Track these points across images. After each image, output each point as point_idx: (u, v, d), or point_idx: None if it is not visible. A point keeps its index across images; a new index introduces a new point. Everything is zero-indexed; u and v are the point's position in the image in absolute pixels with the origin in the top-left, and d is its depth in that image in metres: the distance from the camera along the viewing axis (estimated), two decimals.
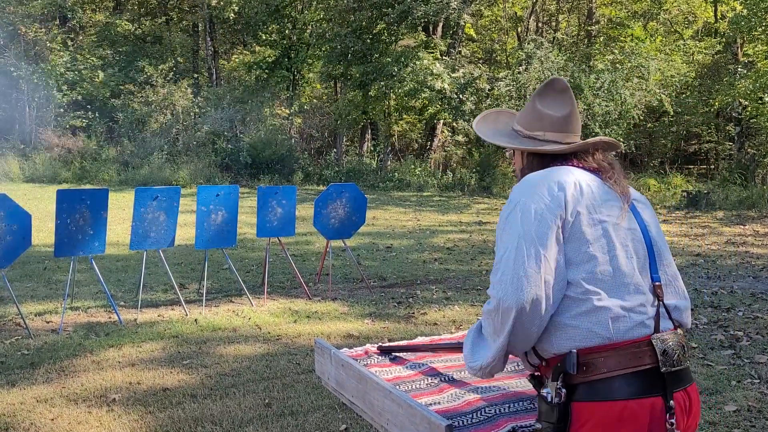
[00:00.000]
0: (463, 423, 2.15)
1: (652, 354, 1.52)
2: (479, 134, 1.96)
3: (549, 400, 1.55)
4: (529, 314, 1.53)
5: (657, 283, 1.62)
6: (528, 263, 1.53)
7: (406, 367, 2.70)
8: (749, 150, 20.24)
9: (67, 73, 21.49)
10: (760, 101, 17.54)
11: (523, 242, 1.55)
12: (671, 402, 1.49)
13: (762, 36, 17.63)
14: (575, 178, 1.68)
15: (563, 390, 1.53)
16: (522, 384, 2.18)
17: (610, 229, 1.61)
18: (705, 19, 24.24)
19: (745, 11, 17.55)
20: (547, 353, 1.62)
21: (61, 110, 21.35)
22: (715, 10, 23.04)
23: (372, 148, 23.08)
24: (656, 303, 1.59)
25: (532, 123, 1.85)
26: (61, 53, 22.03)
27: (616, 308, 1.54)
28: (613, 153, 1.92)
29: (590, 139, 1.84)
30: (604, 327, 1.52)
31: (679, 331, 1.61)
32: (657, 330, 1.56)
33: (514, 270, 1.54)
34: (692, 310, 5.67)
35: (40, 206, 12.13)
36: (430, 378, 2.57)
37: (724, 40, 21.42)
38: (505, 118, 1.98)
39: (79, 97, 21.52)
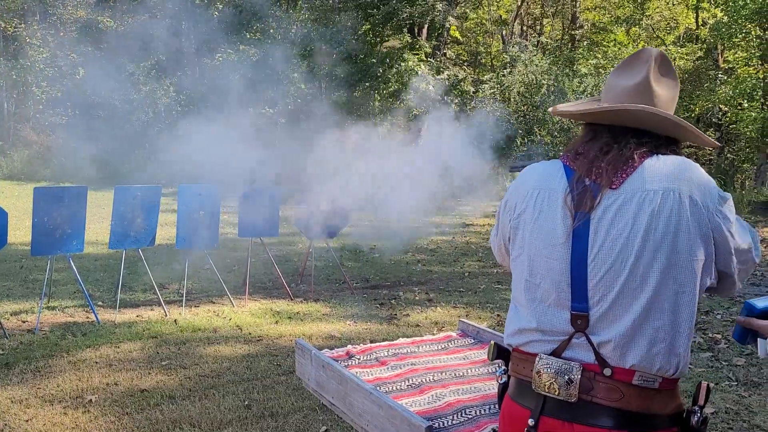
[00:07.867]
0: (443, 424, 2.14)
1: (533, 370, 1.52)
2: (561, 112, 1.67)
3: (499, 376, 1.70)
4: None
5: (580, 314, 1.45)
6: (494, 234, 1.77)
7: (388, 368, 2.68)
8: (729, 155, 20.50)
9: (47, 69, 21.21)
10: (739, 107, 17.77)
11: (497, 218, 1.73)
12: (531, 421, 1.49)
13: (742, 43, 17.85)
14: (539, 186, 1.54)
15: (502, 373, 1.67)
16: None
17: (534, 250, 1.53)
18: (686, 25, 24.53)
19: (725, 18, 17.77)
20: None
21: (41, 107, 21.07)
22: (697, 17, 23.33)
23: None
24: (571, 333, 1.46)
25: (603, 96, 1.57)
26: (41, 49, 21.75)
27: (526, 322, 1.55)
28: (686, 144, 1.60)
29: (619, 105, 1.48)
30: (513, 333, 1.59)
31: (606, 371, 1.41)
32: (557, 355, 1.47)
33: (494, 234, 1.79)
34: None
35: (18, 204, 11.94)
36: (410, 379, 2.55)
37: (705, 46, 21.69)
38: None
39: (59, 94, 21.26)
